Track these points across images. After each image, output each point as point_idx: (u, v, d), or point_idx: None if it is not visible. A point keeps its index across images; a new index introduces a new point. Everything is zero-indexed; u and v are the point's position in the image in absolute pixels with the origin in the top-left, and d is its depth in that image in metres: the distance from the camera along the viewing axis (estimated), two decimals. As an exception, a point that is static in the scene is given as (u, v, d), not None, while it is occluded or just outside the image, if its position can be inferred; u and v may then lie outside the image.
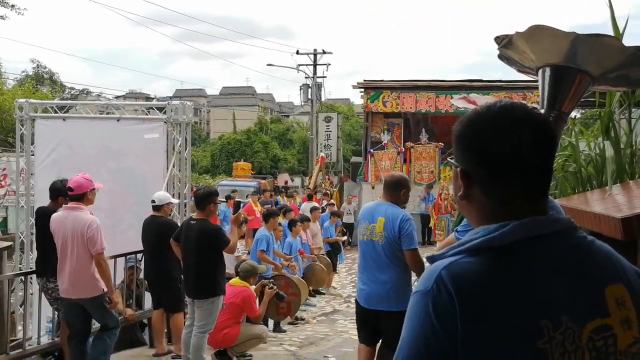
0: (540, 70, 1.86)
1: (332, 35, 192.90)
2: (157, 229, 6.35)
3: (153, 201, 6.54)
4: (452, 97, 18.96)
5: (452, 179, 1.27)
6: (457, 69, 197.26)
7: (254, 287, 6.69)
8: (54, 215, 5.25)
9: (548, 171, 1.17)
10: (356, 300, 4.63)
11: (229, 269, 7.70)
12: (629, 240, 2.39)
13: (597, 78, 1.84)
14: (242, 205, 15.46)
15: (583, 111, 9.78)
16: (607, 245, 1.20)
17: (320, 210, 13.22)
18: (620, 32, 4.16)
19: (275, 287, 7.05)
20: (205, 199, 5.64)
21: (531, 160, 1.13)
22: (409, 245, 4.33)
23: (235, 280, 6.56)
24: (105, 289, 5.22)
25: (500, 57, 2.00)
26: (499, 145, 1.13)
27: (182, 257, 5.72)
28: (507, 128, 1.13)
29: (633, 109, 4.41)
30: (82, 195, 5.17)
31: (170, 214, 6.78)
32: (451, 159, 1.27)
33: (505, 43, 1.87)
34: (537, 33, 1.73)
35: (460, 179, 1.19)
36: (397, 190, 4.52)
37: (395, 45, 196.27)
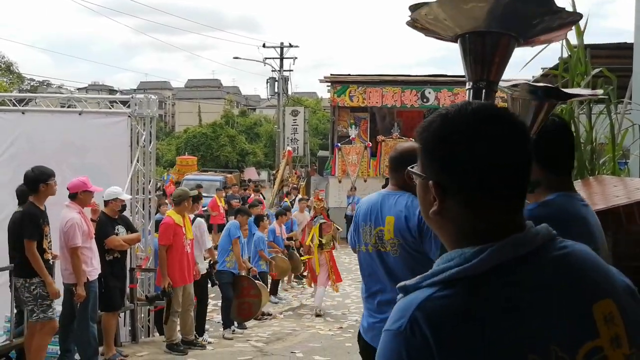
0: (461, 39, 1.67)
1: (299, 28, 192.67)
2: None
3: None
4: (417, 92, 19.12)
5: (419, 193, 1.13)
6: (422, 63, 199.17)
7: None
8: None
9: (524, 172, 1.08)
10: (359, 337, 3.06)
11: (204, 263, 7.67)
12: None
13: (520, 38, 1.68)
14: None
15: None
16: (591, 252, 1.11)
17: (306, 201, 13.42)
18: (581, 29, 4.27)
19: None
20: None
21: (507, 160, 1.05)
22: (435, 254, 2.62)
23: (171, 211, 7.03)
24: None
25: (411, 24, 1.72)
26: (474, 148, 1.04)
27: None
28: (480, 127, 1.05)
29: (593, 106, 4.51)
30: (73, 195, 5.82)
31: (120, 210, 6.49)
32: (412, 168, 1.14)
33: (420, 12, 1.63)
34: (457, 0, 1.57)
35: (433, 192, 1.07)
36: (400, 170, 2.83)
37: (361, 38, 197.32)
